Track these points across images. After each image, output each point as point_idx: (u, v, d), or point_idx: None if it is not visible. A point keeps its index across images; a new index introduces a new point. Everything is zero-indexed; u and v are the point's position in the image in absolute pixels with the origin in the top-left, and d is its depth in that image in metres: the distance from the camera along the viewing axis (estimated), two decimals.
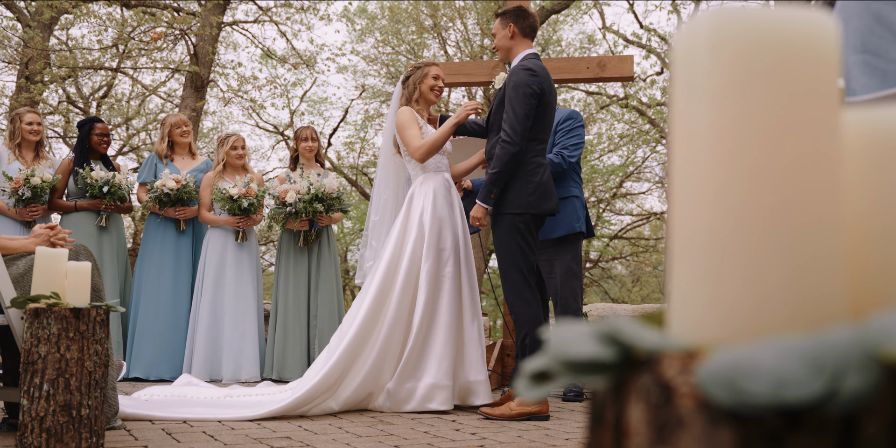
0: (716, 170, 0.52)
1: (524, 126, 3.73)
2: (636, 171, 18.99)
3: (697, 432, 0.45)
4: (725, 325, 0.50)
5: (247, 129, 20.27)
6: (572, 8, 15.84)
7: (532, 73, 3.79)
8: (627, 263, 23.45)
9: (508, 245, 3.79)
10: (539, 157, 3.87)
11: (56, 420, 2.64)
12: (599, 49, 18.21)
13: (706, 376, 0.45)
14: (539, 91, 3.77)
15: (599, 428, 0.53)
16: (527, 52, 3.97)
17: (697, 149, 0.53)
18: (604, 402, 0.52)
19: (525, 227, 3.81)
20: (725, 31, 0.53)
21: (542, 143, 3.90)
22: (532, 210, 3.80)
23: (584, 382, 0.52)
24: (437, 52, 16.85)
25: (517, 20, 3.96)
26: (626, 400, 0.50)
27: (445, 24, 15.92)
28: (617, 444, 0.50)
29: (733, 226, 0.51)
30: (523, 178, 3.81)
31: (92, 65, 12.85)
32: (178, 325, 5.39)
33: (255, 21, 15.00)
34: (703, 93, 0.53)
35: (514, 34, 3.95)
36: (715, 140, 0.52)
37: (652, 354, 0.49)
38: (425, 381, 3.80)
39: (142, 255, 5.53)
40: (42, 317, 2.67)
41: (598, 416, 0.53)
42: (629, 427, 0.49)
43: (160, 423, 3.27)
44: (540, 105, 3.82)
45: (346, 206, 5.41)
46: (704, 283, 0.51)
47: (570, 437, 3.08)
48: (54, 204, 5.46)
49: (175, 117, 5.92)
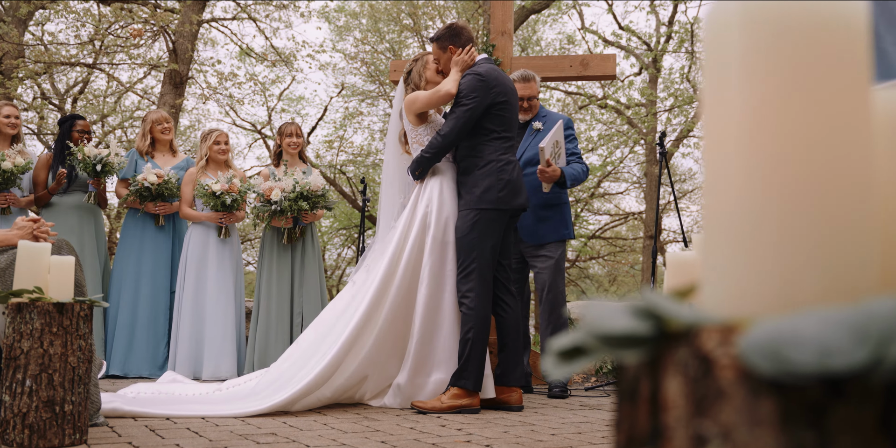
0: (748, 144, 0.52)
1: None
2: (614, 172, 19.10)
3: (739, 403, 0.46)
4: (760, 298, 0.51)
5: (223, 127, 20.13)
6: (552, 7, 15.88)
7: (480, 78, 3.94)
8: (605, 263, 23.57)
9: (471, 239, 3.84)
10: (508, 154, 3.97)
11: (39, 416, 2.61)
12: (579, 49, 18.28)
13: (749, 347, 0.45)
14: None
15: (632, 403, 0.53)
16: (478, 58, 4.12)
17: (730, 125, 0.53)
18: (637, 377, 0.53)
19: (492, 224, 3.86)
20: (756, 7, 0.53)
21: (508, 140, 3.99)
22: (502, 206, 3.88)
23: (619, 357, 0.52)
24: (416, 52, 16.84)
25: (454, 40, 4.08)
26: (663, 374, 0.50)
27: (426, 24, 15.91)
28: (653, 419, 0.50)
29: (766, 200, 0.51)
30: (492, 175, 3.88)
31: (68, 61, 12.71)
32: (156, 322, 5.34)
33: (234, 18, 14.92)
34: (734, 69, 0.53)
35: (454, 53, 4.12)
36: (748, 115, 0.52)
37: (689, 328, 0.49)
38: (434, 377, 3.81)
39: (120, 252, 5.47)
40: (25, 311, 2.64)
41: (631, 392, 0.53)
42: (666, 400, 0.49)
43: (143, 420, 3.24)
44: (500, 104, 3.95)
45: (331, 204, 5.39)
46: (738, 257, 0.51)
47: (555, 432, 3.09)
48: (40, 198, 5.40)
49: (156, 114, 5.85)
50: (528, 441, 2.85)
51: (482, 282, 3.82)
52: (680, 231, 20.91)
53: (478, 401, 3.73)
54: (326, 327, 3.93)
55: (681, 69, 15.41)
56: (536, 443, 2.82)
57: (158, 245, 5.48)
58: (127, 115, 17.31)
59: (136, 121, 17.14)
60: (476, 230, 3.84)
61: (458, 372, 3.74)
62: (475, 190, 3.89)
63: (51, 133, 15.42)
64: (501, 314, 3.95)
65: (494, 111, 3.95)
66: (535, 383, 4.97)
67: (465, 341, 3.75)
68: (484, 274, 3.82)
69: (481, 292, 3.80)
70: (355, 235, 20.05)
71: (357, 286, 4.01)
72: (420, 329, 3.82)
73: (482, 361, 3.75)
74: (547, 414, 3.70)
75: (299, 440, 2.79)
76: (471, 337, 3.74)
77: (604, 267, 24.26)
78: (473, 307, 3.77)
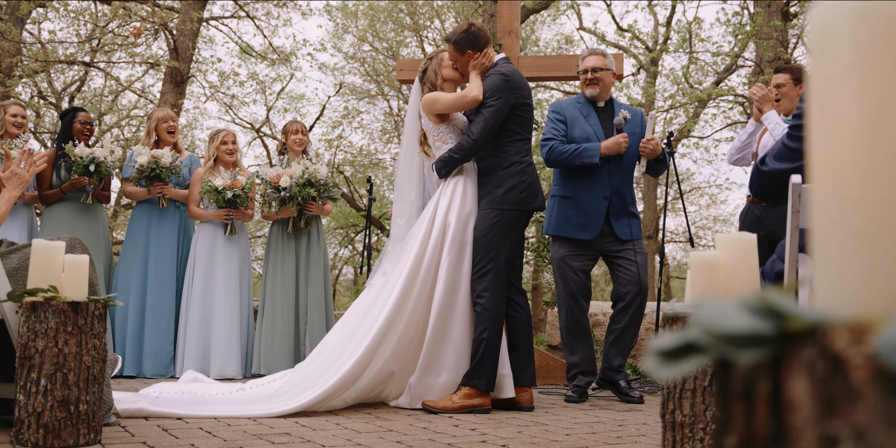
0: (864, 144, 0.52)
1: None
2: None
3: (873, 404, 0.45)
4: (881, 297, 0.50)
5: (222, 126, 20.10)
6: (551, 8, 15.88)
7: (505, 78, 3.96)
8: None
9: (489, 238, 3.83)
10: (528, 156, 4.01)
11: (54, 416, 2.59)
12: (577, 50, 18.28)
13: (885, 346, 0.44)
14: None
15: (747, 403, 0.52)
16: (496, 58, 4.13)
17: (842, 124, 0.53)
18: (752, 377, 0.52)
19: (512, 224, 3.89)
20: (869, 6, 0.52)
21: (528, 142, 4.05)
22: (523, 207, 3.92)
23: (738, 357, 0.51)
24: (415, 51, 16.83)
25: (473, 45, 4.05)
26: (786, 374, 0.49)
27: (424, 24, 15.91)
28: (775, 419, 0.49)
29: (885, 199, 0.50)
30: (515, 176, 3.91)
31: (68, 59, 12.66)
32: (161, 321, 5.31)
33: (233, 16, 14.89)
34: (846, 68, 0.53)
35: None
36: (861, 115, 0.52)
37: (814, 327, 0.48)
38: (444, 378, 3.78)
39: (125, 251, 5.45)
40: (39, 311, 2.62)
41: (744, 392, 0.52)
42: (791, 401, 0.48)
43: (155, 420, 3.23)
44: (522, 106, 3.98)
45: (335, 195, 5.39)
46: (861, 254, 0.51)
47: (569, 432, 3.08)
48: (43, 196, 5.36)
49: (162, 111, 5.79)
50: (544, 441, 2.85)
51: (497, 282, 3.80)
52: (678, 231, 20.95)
53: (489, 401, 3.72)
54: (351, 328, 3.91)
55: (682, 68, 15.41)
56: (552, 443, 2.81)
57: (163, 244, 5.45)
58: (124, 113, 17.26)
59: (133, 119, 17.11)
60: (495, 230, 3.83)
61: (471, 371, 3.72)
62: (498, 190, 3.89)
63: (47, 131, 15.37)
64: (513, 314, 3.95)
65: (518, 112, 3.97)
66: (540, 383, 4.97)
67: (480, 341, 3.74)
68: (499, 274, 3.82)
69: (496, 293, 3.79)
70: (352, 235, 20.04)
71: (376, 289, 3.98)
72: (433, 329, 3.80)
73: (495, 362, 3.74)
74: (558, 414, 3.69)
75: (314, 440, 2.78)
76: (485, 337, 3.72)
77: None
78: (489, 307, 3.76)
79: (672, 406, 2.04)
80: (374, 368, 3.76)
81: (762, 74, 10.78)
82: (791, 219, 2.05)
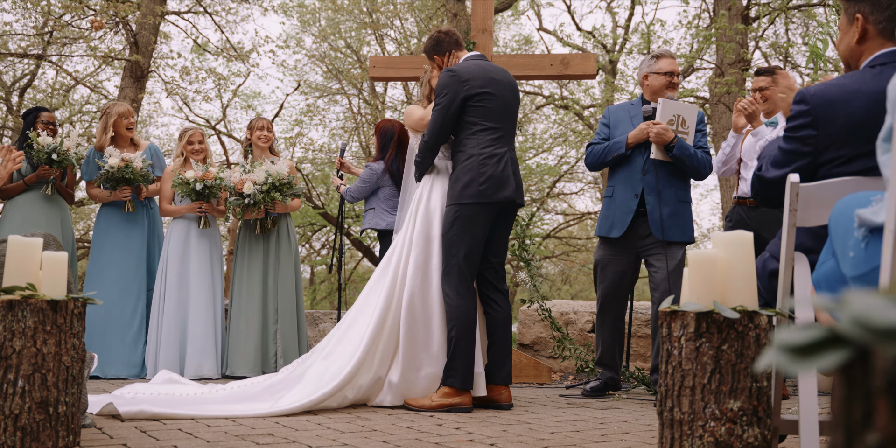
0: None
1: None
2: (569, 172, 19.24)
3: None
4: None
5: (176, 123, 19.79)
6: (510, 8, 15.94)
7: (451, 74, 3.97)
8: (557, 262, 23.76)
9: (451, 235, 3.82)
10: (492, 146, 3.86)
11: (32, 418, 2.51)
12: (535, 51, 18.40)
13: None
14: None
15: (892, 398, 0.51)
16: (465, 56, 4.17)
17: None
18: None
19: (473, 219, 3.81)
20: None
21: (495, 131, 3.90)
22: (484, 199, 3.80)
23: (888, 350, 0.51)
24: (375, 49, 16.74)
25: (437, 50, 4.18)
26: None
27: (385, 23, 15.84)
28: None
29: None
30: (473, 169, 3.83)
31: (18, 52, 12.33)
32: (131, 321, 5.20)
33: (190, 11, 14.65)
34: None
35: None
36: None
37: None
38: (425, 372, 3.77)
39: (94, 249, 5.32)
40: (17, 309, 2.54)
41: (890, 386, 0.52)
42: None
43: (132, 421, 3.15)
44: (477, 96, 3.92)
45: (299, 191, 5.36)
46: None
47: (554, 430, 3.09)
48: (5, 190, 5.21)
49: (121, 106, 5.56)
50: (530, 439, 2.85)
51: (462, 279, 3.79)
52: None
53: (469, 399, 3.71)
54: (342, 331, 3.89)
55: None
56: (539, 441, 2.81)
57: (132, 243, 5.32)
58: (76, 109, 16.86)
59: (85, 115, 16.71)
60: (455, 226, 3.81)
61: (446, 370, 3.72)
62: (456, 185, 3.86)
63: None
64: (490, 313, 3.94)
65: (473, 103, 3.88)
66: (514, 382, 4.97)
67: (450, 339, 3.74)
68: (464, 271, 3.79)
69: (461, 290, 3.77)
70: (310, 233, 19.85)
71: (367, 292, 4.02)
72: (405, 324, 3.79)
73: (469, 359, 3.73)
74: (538, 412, 3.70)
75: (298, 440, 2.74)
76: (454, 335, 3.72)
77: (556, 265, 24.48)
78: (454, 305, 3.75)
79: (670, 403, 2.04)
80: (371, 370, 3.77)
81: (724, 76, 10.94)
82: (788, 217, 2.08)
